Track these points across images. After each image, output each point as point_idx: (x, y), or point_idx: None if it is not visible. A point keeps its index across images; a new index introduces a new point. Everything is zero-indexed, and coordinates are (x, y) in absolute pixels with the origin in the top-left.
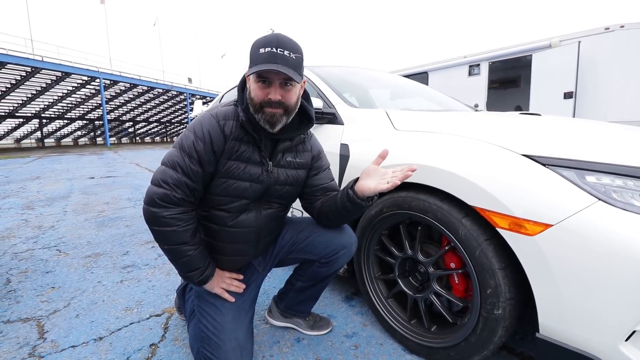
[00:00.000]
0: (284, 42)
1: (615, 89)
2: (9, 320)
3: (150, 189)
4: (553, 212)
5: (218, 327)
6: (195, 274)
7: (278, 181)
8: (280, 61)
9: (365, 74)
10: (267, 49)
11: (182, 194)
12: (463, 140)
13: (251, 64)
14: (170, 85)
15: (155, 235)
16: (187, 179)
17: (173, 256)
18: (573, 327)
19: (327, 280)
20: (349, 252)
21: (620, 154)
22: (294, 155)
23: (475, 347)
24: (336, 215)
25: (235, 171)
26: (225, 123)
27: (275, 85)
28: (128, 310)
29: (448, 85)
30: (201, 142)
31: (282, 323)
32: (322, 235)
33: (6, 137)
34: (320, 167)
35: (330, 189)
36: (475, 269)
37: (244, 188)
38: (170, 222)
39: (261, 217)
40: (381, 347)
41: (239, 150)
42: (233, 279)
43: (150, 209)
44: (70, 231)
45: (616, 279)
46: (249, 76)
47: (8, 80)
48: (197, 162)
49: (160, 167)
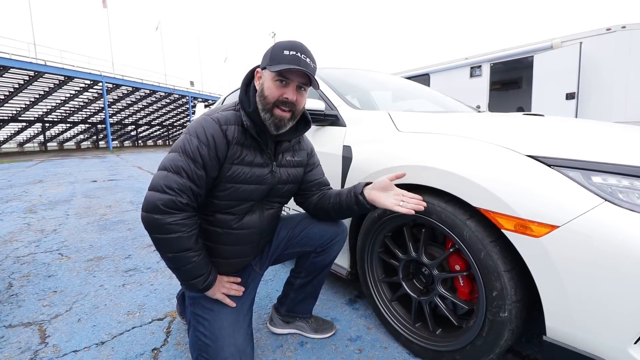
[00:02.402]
0: (306, 51)
1: (618, 89)
2: (11, 324)
3: (151, 195)
4: (559, 213)
5: (216, 334)
6: (199, 280)
7: (281, 180)
8: (303, 65)
9: (367, 76)
10: (292, 52)
11: (188, 199)
12: (466, 141)
13: (273, 63)
14: (172, 88)
15: (159, 243)
16: (192, 184)
17: (177, 264)
18: (580, 330)
19: (324, 273)
20: (342, 239)
21: (625, 154)
22: (292, 154)
23: (481, 351)
24: (339, 214)
25: (240, 176)
26: (227, 128)
27: (292, 86)
28: (130, 314)
29: (450, 87)
30: (205, 147)
31: (285, 330)
32: (317, 226)
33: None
34: (314, 163)
35: (324, 183)
36: (480, 271)
37: (251, 191)
38: (174, 228)
39: (264, 218)
40: (385, 350)
41: (241, 155)
42: (232, 282)
43: (153, 216)
44: (72, 235)
45: (624, 281)
46: (258, 73)
47: (11, 84)
48: (201, 166)
49: (161, 173)
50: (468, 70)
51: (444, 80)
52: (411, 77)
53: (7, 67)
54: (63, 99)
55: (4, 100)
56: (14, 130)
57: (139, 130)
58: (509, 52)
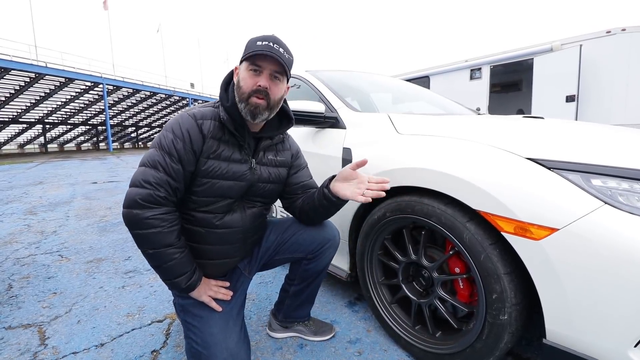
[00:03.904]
0: (279, 42)
1: (618, 92)
2: (10, 326)
3: (130, 191)
4: (559, 216)
5: (207, 340)
6: (182, 279)
7: (261, 179)
8: (275, 53)
9: (367, 78)
10: (265, 42)
11: (165, 193)
12: (467, 143)
13: (246, 53)
14: (172, 90)
15: (139, 239)
16: (169, 177)
17: (158, 261)
18: (580, 333)
19: (319, 279)
20: (334, 244)
21: (625, 156)
22: (274, 153)
23: (481, 354)
24: (315, 212)
25: (217, 170)
26: (203, 122)
27: (265, 74)
28: (130, 316)
29: (450, 89)
30: (180, 141)
31: (284, 334)
32: (306, 232)
33: (10, 142)
34: (299, 165)
35: (310, 186)
36: (480, 274)
37: (228, 187)
38: (154, 223)
39: (246, 217)
40: (385, 353)
41: (217, 150)
42: (219, 286)
43: (132, 212)
44: (72, 236)
45: (624, 284)
46: (237, 69)
47: (12, 86)
48: (177, 160)
49: (139, 169)
50: (468, 72)
51: (444, 83)
52: (411, 79)
53: (8, 69)
54: (64, 101)
55: (5, 102)
56: (15, 131)
57: (139, 131)
58: (509, 55)
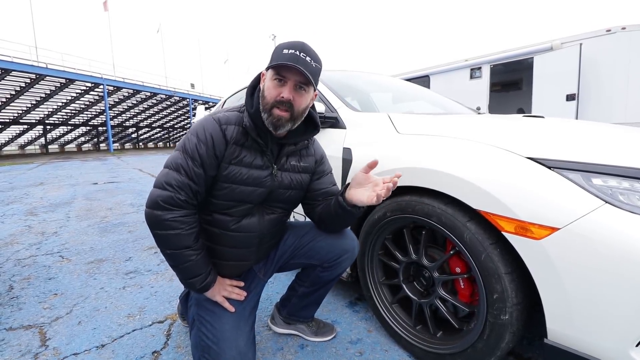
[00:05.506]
0: (307, 49)
1: (618, 90)
2: (11, 327)
3: (153, 192)
4: (559, 216)
5: (218, 336)
6: (197, 280)
7: (282, 185)
8: (301, 63)
9: (367, 78)
10: (291, 51)
11: (186, 196)
12: (467, 143)
13: (272, 62)
14: (173, 91)
15: (158, 239)
16: (190, 181)
17: (175, 261)
18: (581, 333)
19: (330, 285)
20: (352, 256)
21: (626, 155)
22: (297, 159)
23: (482, 354)
24: (332, 221)
25: (237, 176)
26: (227, 127)
27: (289, 85)
28: (130, 317)
29: (450, 88)
30: (204, 145)
31: (285, 330)
32: (325, 240)
33: (10, 143)
34: (322, 171)
35: (331, 193)
36: (481, 274)
37: (248, 192)
38: (173, 224)
39: (264, 222)
40: (386, 353)
41: (239, 156)
42: (234, 286)
43: (154, 212)
44: (73, 237)
45: (625, 283)
46: (263, 75)
47: (12, 87)
48: (199, 165)
49: (163, 170)
50: (468, 71)
51: (444, 82)
52: (411, 78)
53: (8, 70)
54: (64, 102)
55: (6, 103)
56: (16, 132)
57: (140, 132)
58: (509, 54)
